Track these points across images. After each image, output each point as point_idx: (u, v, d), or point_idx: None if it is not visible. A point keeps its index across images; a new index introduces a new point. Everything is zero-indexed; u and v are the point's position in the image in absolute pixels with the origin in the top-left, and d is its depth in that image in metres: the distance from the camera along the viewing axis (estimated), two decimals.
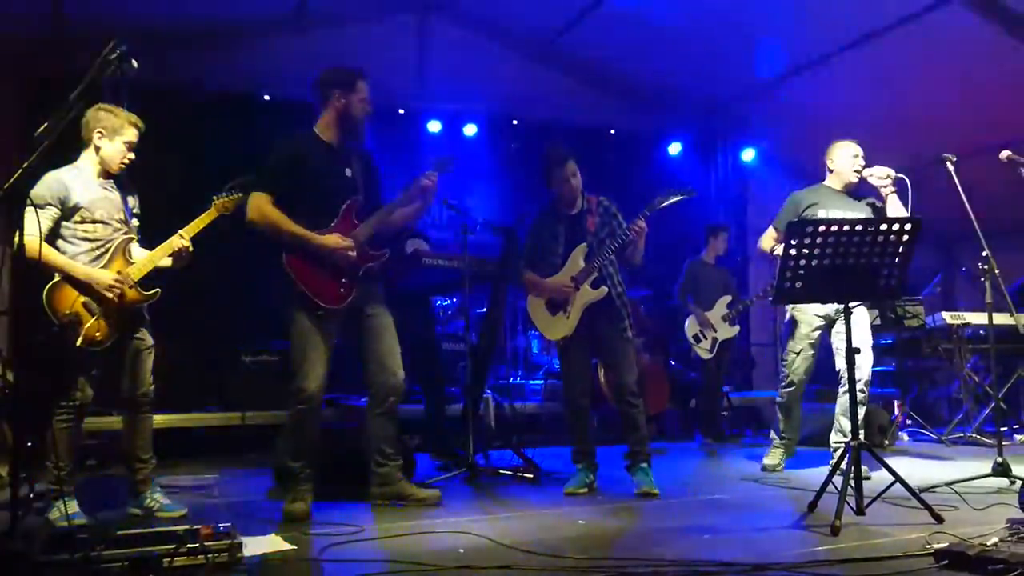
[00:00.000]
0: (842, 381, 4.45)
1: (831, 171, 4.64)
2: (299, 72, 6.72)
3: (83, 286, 3.36)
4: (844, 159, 4.54)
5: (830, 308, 4.57)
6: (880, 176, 4.29)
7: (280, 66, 6.45)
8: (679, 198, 4.05)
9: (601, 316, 4.15)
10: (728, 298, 6.28)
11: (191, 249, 3.56)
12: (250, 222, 3.58)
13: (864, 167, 4.45)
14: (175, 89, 6.30)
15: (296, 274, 3.57)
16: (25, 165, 2.61)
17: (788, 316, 4.80)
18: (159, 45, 5.53)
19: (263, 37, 6.56)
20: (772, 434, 4.87)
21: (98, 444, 4.82)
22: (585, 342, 4.21)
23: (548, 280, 4.19)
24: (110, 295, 3.39)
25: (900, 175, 4.20)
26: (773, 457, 4.74)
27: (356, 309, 3.70)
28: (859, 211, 4.42)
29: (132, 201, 3.68)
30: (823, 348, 4.72)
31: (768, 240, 4.70)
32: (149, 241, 3.66)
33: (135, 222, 3.68)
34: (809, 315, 4.64)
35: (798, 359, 4.68)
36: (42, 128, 2.63)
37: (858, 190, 4.59)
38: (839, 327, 4.55)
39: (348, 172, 3.73)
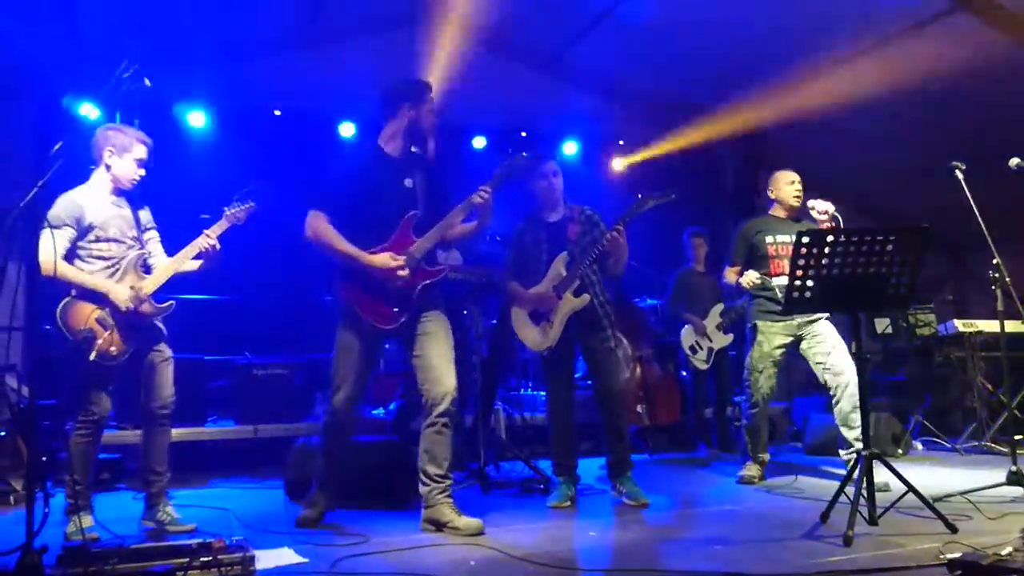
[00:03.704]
0: (834, 392, 4.46)
1: (773, 200, 4.80)
2: (308, 85, 6.77)
3: (100, 298, 3.41)
4: (783, 188, 4.74)
5: (794, 324, 4.59)
6: (820, 210, 4.40)
7: (291, 80, 6.52)
8: (655, 203, 3.98)
9: (584, 326, 4.11)
10: (721, 306, 6.15)
11: (218, 247, 3.58)
12: (307, 240, 3.56)
13: (801, 192, 4.64)
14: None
15: (347, 294, 3.54)
16: (40, 183, 2.65)
17: (751, 323, 4.78)
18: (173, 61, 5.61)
19: (274, 52, 6.62)
20: (745, 455, 4.81)
21: (112, 458, 4.85)
22: (568, 353, 4.19)
23: (531, 290, 4.16)
24: (124, 307, 3.42)
25: (836, 214, 4.33)
26: (751, 470, 4.70)
27: (411, 317, 3.56)
28: None
29: (144, 216, 3.72)
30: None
31: (731, 275, 4.75)
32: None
33: (153, 233, 3.73)
34: (772, 332, 4.64)
35: (761, 378, 4.66)
36: (56, 147, 2.68)
37: (799, 215, 4.73)
38: (810, 342, 4.57)
39: (408, 183, 3.61)
